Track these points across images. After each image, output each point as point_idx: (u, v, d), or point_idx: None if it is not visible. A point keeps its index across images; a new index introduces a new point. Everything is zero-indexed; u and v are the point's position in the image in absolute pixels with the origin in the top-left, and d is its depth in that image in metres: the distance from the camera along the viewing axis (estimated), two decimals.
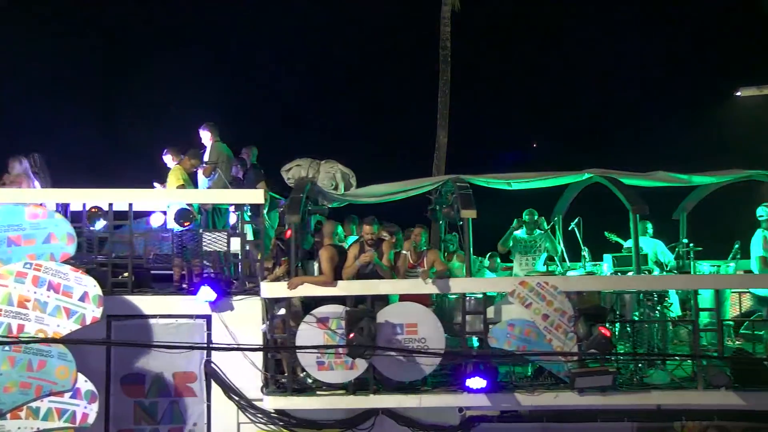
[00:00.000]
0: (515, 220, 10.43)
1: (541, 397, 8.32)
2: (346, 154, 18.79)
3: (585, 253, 10.43)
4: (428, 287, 8.26)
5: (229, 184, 10.44)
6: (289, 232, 8.72)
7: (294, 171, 10.15)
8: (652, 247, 10.73)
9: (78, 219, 9.25)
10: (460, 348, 8.54)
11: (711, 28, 19.81)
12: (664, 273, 9.74)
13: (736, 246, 9.43)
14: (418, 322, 8.33)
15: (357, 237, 9.33)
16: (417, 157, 17.92)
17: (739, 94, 15.78)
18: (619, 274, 9.48)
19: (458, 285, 8.44)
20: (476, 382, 8.09)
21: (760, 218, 8.84)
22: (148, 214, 10.53)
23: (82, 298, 7.41)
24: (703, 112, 19.72)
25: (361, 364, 8.24)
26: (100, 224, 9.08)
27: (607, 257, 10.47)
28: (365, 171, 9.92)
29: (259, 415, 8.68)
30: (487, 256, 10.96)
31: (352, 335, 7.84)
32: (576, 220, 10.70)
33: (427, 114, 17.82)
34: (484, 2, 18.97)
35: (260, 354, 8.67)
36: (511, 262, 10.76)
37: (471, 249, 8.57)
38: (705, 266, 9.66)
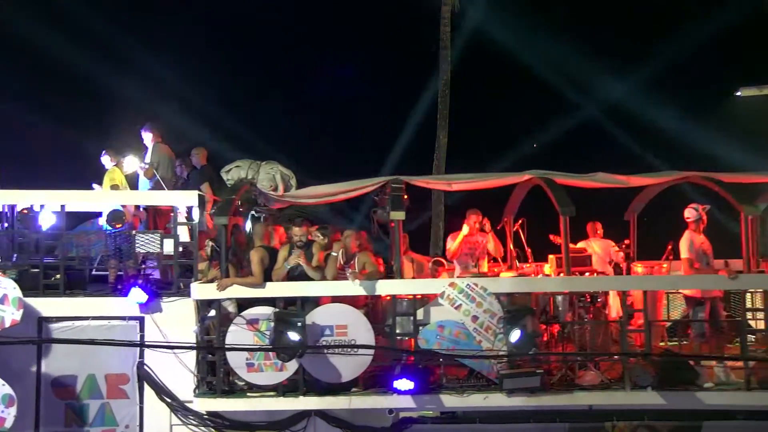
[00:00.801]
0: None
1: (470, 399, 8.34)
2: (345, 155, 18.85)
3: (525, 254, 10.46)
4: (356, 289, 8.27)
5: (172, 184, 10.44)
6: None
7: (234, 172, 10.12)
8: (603, 247, 10.77)
9: (24, 220, 9.27)
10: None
11: (711, 28, 19.83)
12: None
13: (669, 247, 9.50)
14: (348, 323, 8.35)
15: None
16: (417, 157, 17.87)
17: (739, 94, 15.78)
18: None
19: (387, 287, 8.45)
20: (403, 384, 8.10)
21: (687, 219, 8.91)
22: (99, 215, 10.53)
23: (2, 301, 7.37)
24: (703, 112, 19.78)
25: (291, 366, 8.25)
26: (47, 223, 9.10)
27: (552, 258, 10.50)
28: (365, 171, 9.87)
29: (192, 417, 8.68)
30: (431, 263, 10.93)
31: None
32: (519, 221, 10.75)
33: (427, 114, 17.89)
34: (484, 2, 19.01)
35: (193, 356, 8.67)
36: None
37: (399, 251, 8.57)
38: (638, 267, 9.71)
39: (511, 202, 11.30)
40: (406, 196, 10.24)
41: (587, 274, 9.28)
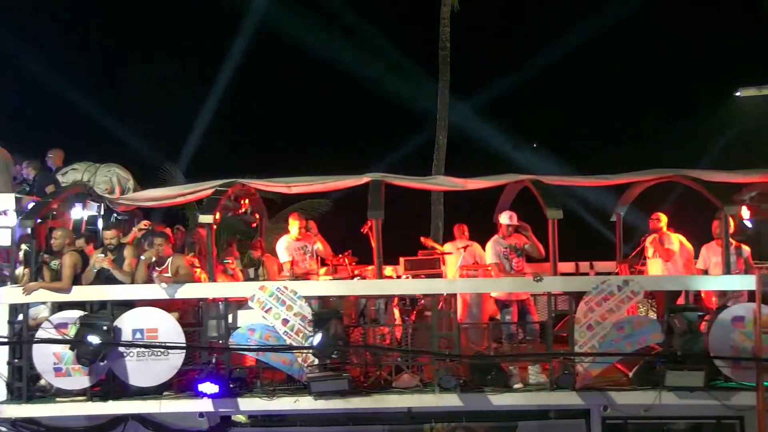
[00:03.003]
0: None
1: (281, 402, 8.33)
2: (346, 155, 18.62)
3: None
4: (164, 292, 8.22)
5: (9, 187, 10.28)
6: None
7: (70, 175, 10.06)
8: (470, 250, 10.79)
9: None
10: None
11: (711, 28, 19.96)
12: None
13: None
14: (158, 327, 8.30)
15: None
16: (417, 157, 17.81)
17: (739, 94, 15.91)
18: None
19: (196, 290, 8.42)
20: (208, 387, 8.08)
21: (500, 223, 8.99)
22: None
23: None
24: (703, 112, 19.84)
25: (97, 370, 8.19)
26: None
27: (402, 261, 10.53)
28: (365, 172, 9.78)
29: (5, 424, 8.55)
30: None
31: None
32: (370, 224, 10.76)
33: (427, 114, 17.83)
34: (484, 2, 18.92)
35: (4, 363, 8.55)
36: None
37: (211, 254, 8.54)
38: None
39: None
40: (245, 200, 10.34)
41: None
